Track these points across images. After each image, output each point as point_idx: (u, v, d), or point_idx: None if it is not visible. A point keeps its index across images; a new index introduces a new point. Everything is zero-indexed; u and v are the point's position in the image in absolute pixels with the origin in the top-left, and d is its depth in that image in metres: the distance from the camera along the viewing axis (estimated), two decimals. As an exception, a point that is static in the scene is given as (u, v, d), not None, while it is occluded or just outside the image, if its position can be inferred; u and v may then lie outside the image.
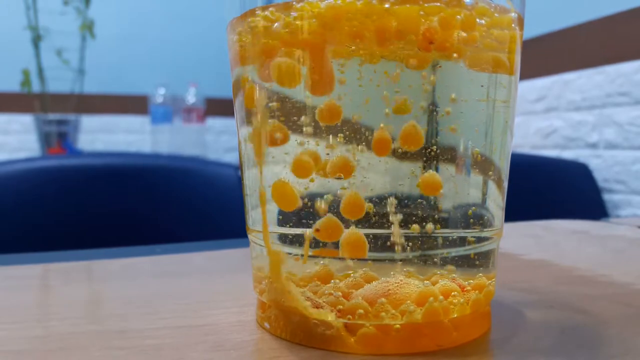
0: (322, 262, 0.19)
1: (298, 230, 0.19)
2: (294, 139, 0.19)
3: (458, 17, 0.18)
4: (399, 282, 0.19)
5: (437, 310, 0.18)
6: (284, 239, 0.20)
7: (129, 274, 0.32)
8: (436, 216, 0.19)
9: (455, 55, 0.18)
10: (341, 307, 0.18)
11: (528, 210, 0.63)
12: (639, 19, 0.98)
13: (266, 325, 0.21)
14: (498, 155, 0.20)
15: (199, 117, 1.73)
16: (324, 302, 0.19)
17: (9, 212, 0.69)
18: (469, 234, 0.20)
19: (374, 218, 0.18)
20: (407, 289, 0.18)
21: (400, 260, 0.19)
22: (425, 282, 0.19)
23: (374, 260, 0.19)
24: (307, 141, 0.19)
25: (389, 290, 0.18)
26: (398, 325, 0.18)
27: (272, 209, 0.20)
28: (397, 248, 0.18)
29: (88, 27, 1.49)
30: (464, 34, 0.18)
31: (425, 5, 0.18)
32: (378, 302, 0.18)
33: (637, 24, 0.98)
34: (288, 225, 0.19)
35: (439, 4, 0.18)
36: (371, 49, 0.18)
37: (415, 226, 0.18)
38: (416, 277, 0.19)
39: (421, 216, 0.18)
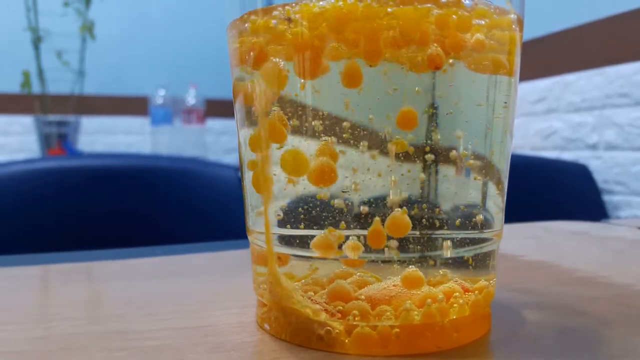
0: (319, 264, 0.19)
1: (299, 232, 0.19)
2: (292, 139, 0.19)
3: (454, 16, 0.18)
4: (400, 284, 0.19)
5: (435, 312, 0.18)
6: (284, 240, 0.20)
7: (129, 275, 0.32)
8: (436, 217, 0.19)
9: (456, 58, 0.18)
10: (341, 308, 0.18)
11: (528, 212, 0.63)
12: (638, 20, 0.98)
13: (266, 326, 0.21)
14: (498, 156, 0.20)
15: (199, 118, 1.74)
16: (324, 303, 0.19)
17: (9, 213, 0.69)
18: (469, 235, 0.20)
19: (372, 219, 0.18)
20: (409, 291, 0.18)
21: (400, 262, 0.19)
22: (429, 285, 0.19)
23: (373, 261, 0.19)
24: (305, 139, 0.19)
25: (391, 292, 0.18)
26: (397, 330, 0.18)
27: (274, 209, 0.20)
28: (397, 249, 0.18)
29: (88, 29, 1.49)
30: (470, 39, 0.18)
31: (420, 6, 0.18)
32: (379, 304, 0.18)
33: (637, 25, 0.99)
34: (288, 227, 0.19)
35: (433, 5, 0.18)
36: (372, 51, 0.18)
37: (415, 227, 0.18)
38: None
39: (421, 217, 0.18)
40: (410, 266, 0.19)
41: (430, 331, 0.19)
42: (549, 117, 1.17)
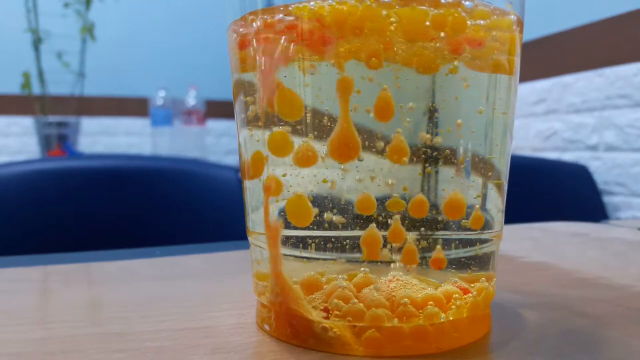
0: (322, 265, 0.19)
1: (300, 233, 0.19)
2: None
3: (450, 17, 0.18)
4: (399, 285, 0.19)
5: (436, 314, 0.18)
6: (285, 241, 0.20)
7: (128, 276, 0.32)
8: (436, 218, 0.19)
9: (457, 59, 0.18)
10: (338, 313, 0.18)
11: (528, 213, 0.63)
12: (638, 21, 0.98)
13: (266, 327, 0.21)
14: (498, 157, 0.20)
15: (199, 119, 1.73)
16: (323, 304, 0.19)
17: (9, 214, 0.69)
18: (469, 236, 0.20)
19: (373, 220, 0.18)
20: (408, 292, 0.18)
21: (400, 262, 0.19)
22: (431, 285, 0.19)
23: (373, 262, 0.19)
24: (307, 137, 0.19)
25: (390, 293, 0.18)
26: (396, 331, 0.18)
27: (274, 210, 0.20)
28: (397, 250, 0.18)
29: (88, 30, 1.49)
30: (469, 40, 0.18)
31: (421, 8, 0.18)
32: (377, 305, 0.18)
33: (636, 27, 0.99)
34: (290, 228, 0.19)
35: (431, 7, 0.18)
36: (373, 52, 0.18)
37: (415, 228, 0.18)
38: (418, 279, 0.19)
39: (421, 218, 0.18)
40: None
41: (430, 332, 0.19)
42: (549, 118, 1.17)
